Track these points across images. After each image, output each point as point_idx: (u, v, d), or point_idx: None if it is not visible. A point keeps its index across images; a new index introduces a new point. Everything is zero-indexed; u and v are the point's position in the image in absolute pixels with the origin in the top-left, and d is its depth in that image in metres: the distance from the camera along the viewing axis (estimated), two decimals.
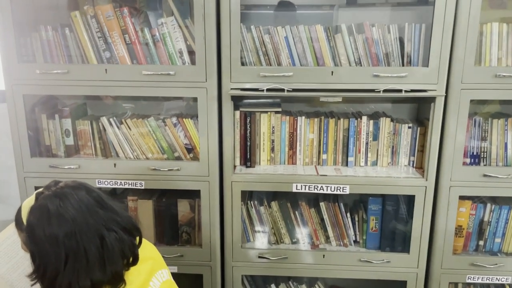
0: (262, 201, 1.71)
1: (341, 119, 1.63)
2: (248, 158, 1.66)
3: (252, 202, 1.69)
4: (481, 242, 1.66)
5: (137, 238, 1.02)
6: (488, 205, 1.61)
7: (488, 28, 1.48)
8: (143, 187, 1.59)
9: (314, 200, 1.72)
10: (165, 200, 1.71)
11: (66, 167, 1.59)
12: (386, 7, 1.70)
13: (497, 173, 1.49)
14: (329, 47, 1.52)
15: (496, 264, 1.58)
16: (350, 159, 1.66)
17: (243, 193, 1.63)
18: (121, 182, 1.59)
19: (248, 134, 1.63)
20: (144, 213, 1.69)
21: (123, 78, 1.50)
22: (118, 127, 1.63)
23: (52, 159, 1.63)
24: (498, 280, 1.61)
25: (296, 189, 1.56)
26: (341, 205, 1.69)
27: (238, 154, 1.66)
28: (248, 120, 1.62)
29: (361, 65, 1.52)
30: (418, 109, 1.72)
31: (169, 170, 1.56)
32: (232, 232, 1.62)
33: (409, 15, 1.65)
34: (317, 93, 1.47)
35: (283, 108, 1.74)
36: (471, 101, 1.45)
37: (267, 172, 1.60)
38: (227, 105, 1.50)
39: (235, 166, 1.65)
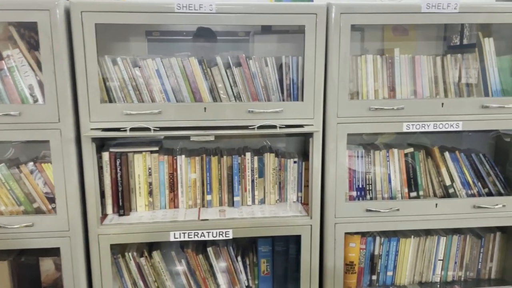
0: (142, 251, 1.52)
1: (224, 157, 1.51)
2: (121, 205, 1.47)
3: (130, 254, 1.50)
4: (374, 277, 1.61)
5: None
6: (377, 238, 1.58)
7: (362, 61, 1.47)
8: None
9: (202, 245, 1.57)
10: (25, 259, 1.45)
11: None
12: (269, 38, 1.64)
13: (379, 208, 1.46)
14: (206, 81, 1.42)
15: None
16: (236, 198, 1.54)
17: (119, 244, 1.44)
18: None
19: (119, 178, 1.45)
20: None
21: None
22: None
23: None
24: None
25: (174, 237, 1.40)
26: (230, 248, 1.55)
27: (110, 201, 1.47)
28: (118, 162, 1.44)
29: (241, 100, 1.43)
30: (305, 143, 1.67)
31: (20, 227, 1.33)
32: None
33: (290, 47, 1.61)
34: (189, 131, 1.34)
35: (165, 146, 1.60)
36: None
37: (142, 221, 1.43)
38: (87, 147, 1.32)
39: (106, 215, 1.45)
